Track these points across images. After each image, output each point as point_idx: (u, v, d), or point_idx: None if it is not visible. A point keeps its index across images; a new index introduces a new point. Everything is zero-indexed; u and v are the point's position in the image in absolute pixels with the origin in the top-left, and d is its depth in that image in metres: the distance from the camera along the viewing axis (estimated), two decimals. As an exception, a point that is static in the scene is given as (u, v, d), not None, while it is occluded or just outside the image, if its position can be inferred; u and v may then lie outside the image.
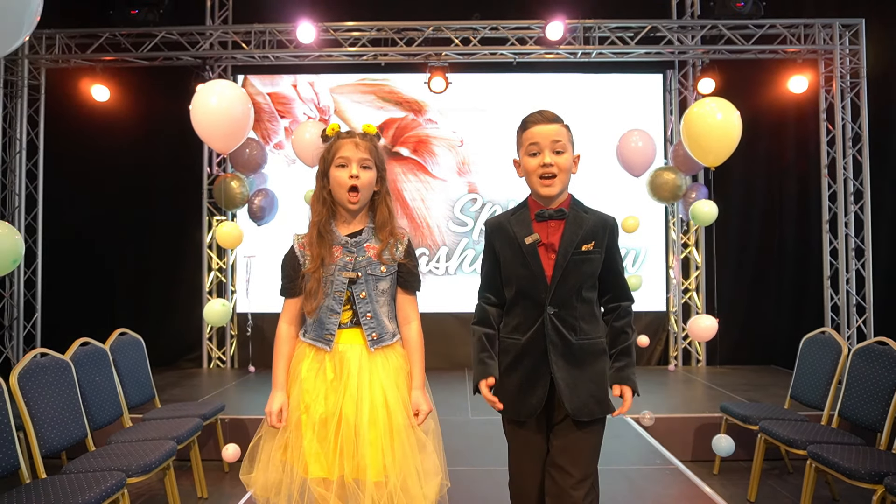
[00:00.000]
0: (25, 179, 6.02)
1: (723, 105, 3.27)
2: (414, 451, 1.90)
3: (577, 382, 1.85)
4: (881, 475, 2.52)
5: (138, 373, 3.78)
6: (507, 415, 1.94)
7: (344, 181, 1.93)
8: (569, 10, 5.71)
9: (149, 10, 5.79)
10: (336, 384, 1.91)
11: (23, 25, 1.93)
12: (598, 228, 1.88)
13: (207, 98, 3.49)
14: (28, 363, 2.77)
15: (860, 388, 3.25)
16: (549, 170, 1.85)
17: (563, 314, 1.85)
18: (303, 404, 1.90)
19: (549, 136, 1.87)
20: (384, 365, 1.96)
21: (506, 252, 1.92)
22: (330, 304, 1.95)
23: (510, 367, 1.91)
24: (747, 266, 6.33)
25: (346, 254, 1.96)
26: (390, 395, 1.92)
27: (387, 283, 1.99)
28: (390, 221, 2.00)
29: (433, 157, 6.42)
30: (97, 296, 6.29)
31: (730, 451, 3.54)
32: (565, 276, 1.84)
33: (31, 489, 2.42)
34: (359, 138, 1.98)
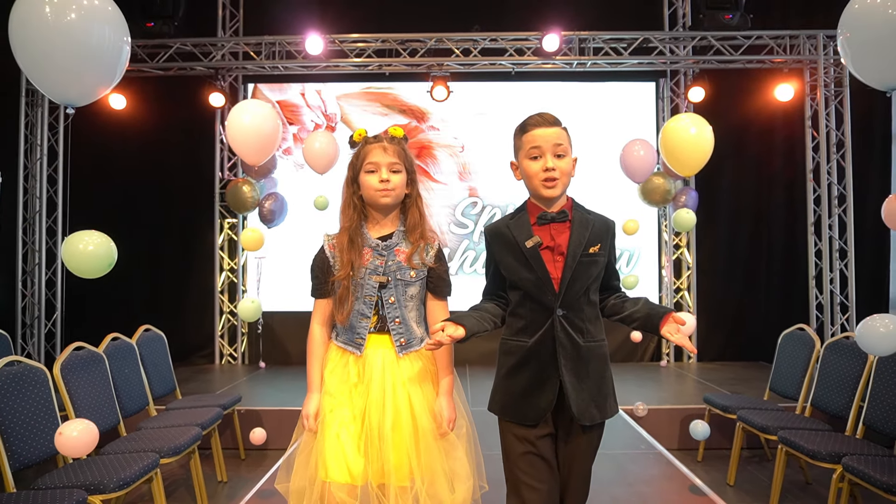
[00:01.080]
0: (46, 184, 6.30)
1: (697, 120, 3.53)
2: (441, 455, 1.88)
3: (582, 386, 1.84)
4: (840, 456, 2.79)
5: (161, 366, 4.06)
6: (512, 419, 1.87)
7: (375, 185, 1.92)
8: (565, 23, 5.99)
9: (164, 23, 6.07)
10: (360, 388, 1.91)
11: (115, 74, 2.18)
12: (602, 231, 1.89)
13: (241, 116, 3.75)
14: (69, 355, 3.05)
15: (830, 379, 3.52)
16: (551, 174, 1.84)
17: (571, 316, 1.84)
18: (326, 407, 1.90)
19: (550, 139, 1.85)
20: (410, 369, 1.94)
21: (507, 258, 1.90)
22: (360, 307, 1.94)
23: (515, 369, 1.87)
24: (737, 266, 6.60)
25: (377, 257, 1.94)
26: (415, 399, 1.90)
27: (416, 287, 1.97)
28: (421, 224, 1.98)
29: (435, 162, 6.70)
30: (114, 295, 6.57)
31: (705, 435, 3.80)
32: (574, 278, 1.83)
33: (75, 467, 2.69)
34: (386, 142, 1.96)
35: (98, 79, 2.09)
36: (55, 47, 1.91)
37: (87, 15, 1.94)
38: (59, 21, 1.89)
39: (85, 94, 2.11)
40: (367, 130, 2.03)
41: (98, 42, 2.00)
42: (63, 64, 1.95)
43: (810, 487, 3.67)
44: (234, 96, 6.70)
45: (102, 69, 2.07)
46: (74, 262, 2.44)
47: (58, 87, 2.05)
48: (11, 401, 2.60)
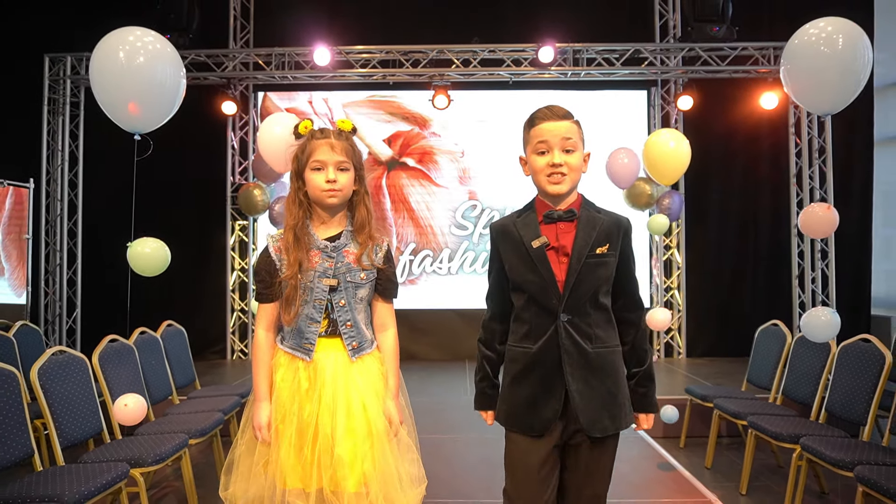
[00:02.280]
0: (67, 188, 6.63)
1: (675, 135, 3.85)
2: (396, 458, 1.86)
3: (593, 395, 1.74)
4: (798, 437, 3.10)
5: (183, 358, 4.40)
6: (516, 429, 1.80)
7: (321, 185, 1.85)
8: (560, 34, 6.30)
9: (180, 35, 6.38)
10: (311, 394, 1.84)
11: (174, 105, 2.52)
12: (612, 229, 1.78)
13: (273, 127, 4.06)
14: (105, 346, 3.38)
15: (798, 370, 3.83)
16: (558, 170, 1.74)
17: (577, 321, 1.74)
18: (278, 415, 1.85)
19: (559, 133, 1.75)
20: (362, 372, 1.90)
21: (512, 257, 1.81)
22: (309, 311, 1.88)
23: (519, 377, 1.80)
24: (724, 266, 6.91)
25: (326, 259, 1.88)
26: (369, 402, 1.86)
27: (366, 290, 1.92)
28: (368, 222, 1.92)
29: (436, 167, 7.03)
30: (132, 294, 6.89)
31: (674, 418, 4.07)
32: (579, 281, 1.73)
33: (116, 445, 3.02)
34: (334, 138, 1.87)
35: (161, 110, 2.42)
36: (127, 85, 2.24)
37: (152, 58, 2.27)
38: (131, 63, 2.22)
39: (151, 124, 2.45)
40: (312, 122, 1.94)
41: (161, 80, 2.33)
42: (134, 99, 2.28)
43: (781, 470, 3.98)
44: (245, 104, 7.03)
45: (165, 102, 2.40)
46: (137, 263, 2.80)
47: (129, 118, 2.38)
48: (59, 386, 2.93)
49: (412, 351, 6.72)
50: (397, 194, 7.02)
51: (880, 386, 3.12)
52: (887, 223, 7.12)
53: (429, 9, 6.74)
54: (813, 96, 2.44)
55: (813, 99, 2.46)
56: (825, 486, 3.51)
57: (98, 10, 6.77)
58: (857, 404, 3.21)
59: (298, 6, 6.85)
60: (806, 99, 2.49)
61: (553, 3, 6.68)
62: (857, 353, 3.34)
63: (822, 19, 2.46)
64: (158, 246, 2.80)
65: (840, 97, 2.38)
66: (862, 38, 2.42)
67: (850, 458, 2.74)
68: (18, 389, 2.70)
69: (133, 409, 2.52)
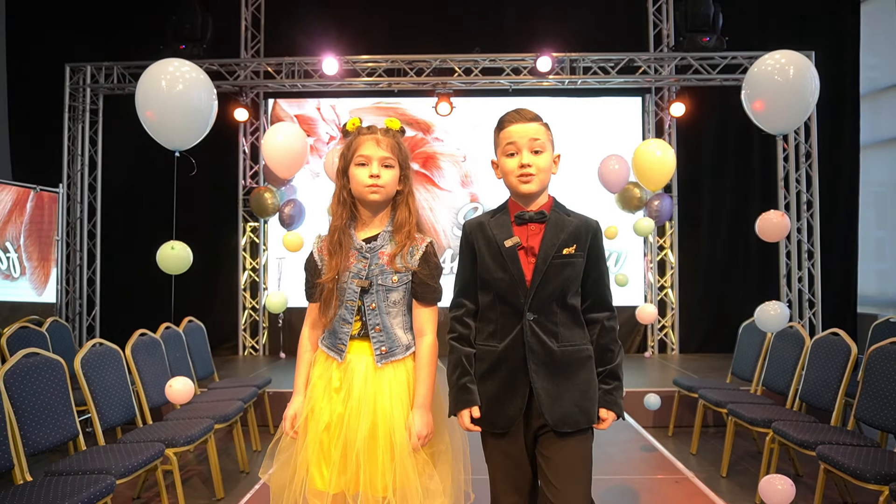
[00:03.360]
0: (87, 191, 6.94)
1: (661, 145, 4.14)
2: (415, 471, 1.79)
3: (561, 392, 1.77)
4: (771, 421, 3.40)
5: (203, 352, 4.71)
6: (482, 426, 1.83)
7: (364, 180, 1.84)
8: (558, 44, 6.59)
9: (194, 45, 6.69)
10: (340, 393, 1.84)
11: (208, 125, 2.83)
12: (580, 231, 1.82)
13: (275, 136, 4.35)
14: (136, 340, 3.68)
15: (777, 363, 4.12)
16: (526, 170, 1.79)
17: (542, 320, 1.78)
18: (308, 409, 1.86)
19: (526, 135, 1.80)
20: (392, 380, 1.86)
21: (485, 255, 1.84)
22: (342, 313, 1.87)
23: (485, 375, 1.83)
24: (716, 266, 7.20)
25: (360, 260, 1.86)
26: (395, 412, 1.82)
27: (399, 293, 1.87)
28: (409, 223, 1.88)
29: (439, 171, 7.33)
30: (147, 292, 7.20)
31: (656, 405, 4.34)
32: (545, 280, 1.77)
33: (150, 428, 3.33)
34: (381, 134, 1.87)
35: (198, 130, 2.73)
36: (169, 110, 2.55)
37: (190, 85, 2.58)
38: (172, 90, 2.53)
39: (189, 142, 2.76)
40: (361, 120, 1.93)
41: (197, 105, 2.64)
42: (175, 122, 2.60)
43: (761, 455, 4.26)
44: (256, 111, 7.33)
45: (200, 123, 2.71)
46: (164, 263, 3.12)
47: (170, 138, 2.69)
48: (98, 374, 3.23)
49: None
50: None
51: (846, 375, 3.41)
52: (880, 225, 7.40)
53: (432, 20, 7.04)
54: (769, 118, 2.75)
55: (768, 120, 2.76)
56: (800, 468, 3.81)
57: (117, 22, 7.11)
58: (827, 392, 3.51)
59: (307, 17, 7.15)
60: (763, 120, 2.79)
61: (551, 14, 6.97)
62: (828, 346, 3.62)
63: (777, 52, 2.77)
64: (183, 247, 3.10)
65: (791, 119, 2.71)
66: (809, 68, 2.73)
67: (813, 439, 3.03)
68: (65, 377, 3.00)
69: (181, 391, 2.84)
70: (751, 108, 2.76)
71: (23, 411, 2.69)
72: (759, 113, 2.74)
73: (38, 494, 2.35)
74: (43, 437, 2.76)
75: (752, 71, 2.78)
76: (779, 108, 2.64)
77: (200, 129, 2.77)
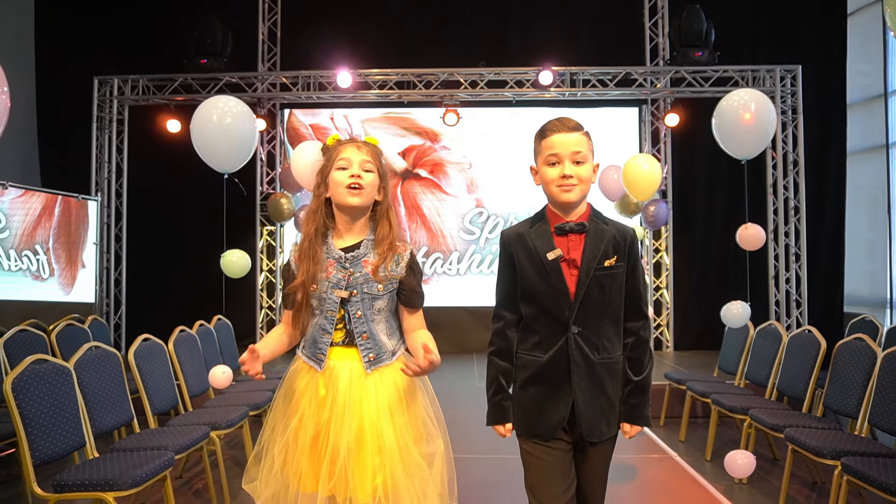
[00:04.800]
0: (114, 197, 7.35)
1: (649, 159, 4.54)
2: (407, 474, 1.80)
3: (595, 402, 1.80)
4: (748, 409, 3.78)
5: (230, 347, 5.11)
6: (523, 433, 1.85)
7: (344, 181, 1.82)
8: (558, 59, 6.99)
9: (215, 59, 7.10)
10: (326, 401, 1.83)
11: (251, 150, 3.24)
12: (619, 240, 1.81)
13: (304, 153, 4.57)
14: (177, 335, 4.08)
15: (758, 357, 4.50)
16: (568, 181, 1.78)
17: (587, 333, 1.78)
18: (297, 420, 1.84)
19: (569, 146, 1.80)
20: (378, 384, 1.86)
21: (527, 267, 1.82)
22: (322, 322, 1.86)
23: (527, 383, 1.83)
24: (709, 267, 7.59)
25: (340, 270, 1.85)
26: (382, 416, 1.83)
27: (384, 301, 1.88)
28: (390, 236, 1.88)
29: (446, 178, 7.73)
30: (170, 292, 7.62)
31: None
32: (589, 293, 1.77)
33: (190, 416, 3.73)
34: (361, 143, 1.89)
35: (243, 155, 3.14)
36: (219, 139, 2.97)
37: (237, 117, 2.99)
38: (222, 122, 2.94)
39: (236, 166, 3.18)
40: (340, 136, 1.96)
41: (242, 134, 3.05)
42: (224, 149, 3.01)
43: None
44: (273, 120, 7.74)
45: (245, 149, 3.12)
46: (228, 268, 3.55)
47: (221, 163, 3.10)
48: (147, 365, 3.63)
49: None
50: (411, 202, 7.73)
51: (817, 368, 3.79)
52: (872, 227, 7.75)
53: (440, 36, 7.45)
54: (733, 145, 3.15)
55: (733, 147, 3.16)
56: (777, 453, 4.19)
57: (141, 38, 7.51)
58: (799, 383, 3.89)
59: (321, 32, 7.55)
60: (729, 146, 3.19)
61: (552, 30, 7.37)
62: (802, 341, 4.01)
63: (742, 90, 3.19)
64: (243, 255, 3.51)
65: (752, 146, 3.11)
66: (768, 104, 3.14)
67: (783, 423, 3.42)
68: (120, 367, 3.40)
69: (223, 378, 3.24)
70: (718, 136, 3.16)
71: (89, 396, 3.08)
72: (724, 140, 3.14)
73: (111, 465, 2.74)
74: (106, 420, 3.16)
75: (720, 105, 3.19)
76: (741, 137, 3.04)
77: (245, 154, 3.18)
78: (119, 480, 2.59)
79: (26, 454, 2.57)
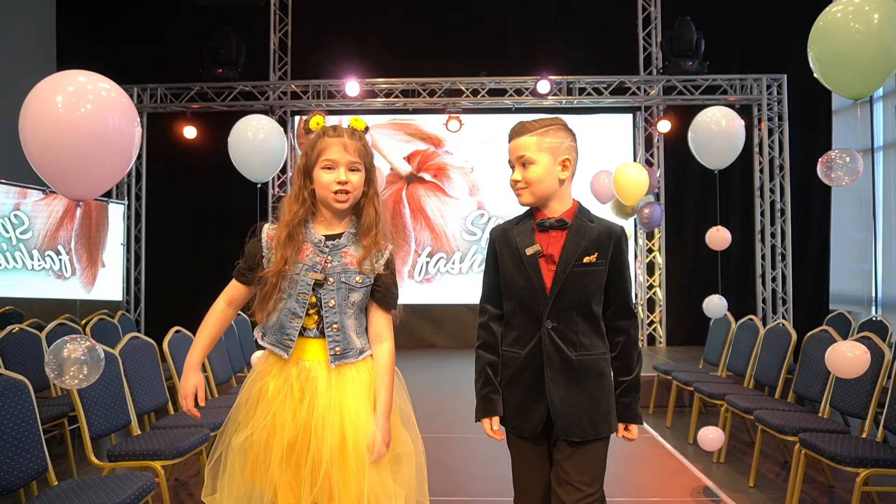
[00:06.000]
0: (134, 200, 7.74)
1: (637, 167, 4.90)
2: (378, 477, 1.74)
3: (574, 401, 1.77)
4: (724, 395, 4.15)
5: (249, 340, 5.47)
6: (510, 429, 1.88)
7: (331, 185, 1.76)
8: (556, 68, 7.36)
9: (230, 69, 7.48)
10: (303, 404, 1.74)
11: (280, 162, 3.63)
12: (602, 238, 1.81)
13: None
14: (203, 328, 4.47)
15: (739, 349, 4.87)
16: (516, 186, 1.84)
17: (562, 329, 1.78)
18: (270, 425, 1.73)
19: (515, 151, 1.85)
20: (354, 383, 1.79)
21: (508, 262, 1.85)
22: (292, 306, 1.77)
23: (511, 381, 1.86)
24: (700, 267, 7.94)
25: (318, 254, 1.78)
26: (362, 418, 1.75)
27: (360, 294, 1.81)
28: (376, 225, 1.82)
29: (449, 181, 8.11)
30: (184, 291, 7.99)
31: None
32: (564, 289, 1.77)
33: (218, 401, 4.11)
34: (347, 137, 1.80)
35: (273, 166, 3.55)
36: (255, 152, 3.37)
37: (268, 133, 3.40)
38: (256, 138, 3.34)
39: (267, 177, 3.60)
40: (325, 119, 1.88)
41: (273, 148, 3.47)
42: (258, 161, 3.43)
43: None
44: (284, 126, 8.11)
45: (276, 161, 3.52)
46: None
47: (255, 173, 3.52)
48: (179, 354, 4.01)
49: (431, 340, 7.84)
50: (415, 204, 8.11)
51: (787, 357, 4.16)
52: (862, 227, 8.09)
53: (443, 47, 7.82)
54: (707, 156, 3.53)
55: (707, 157, 3.54)
56: (753, 436, 4.55)
57: (159, 49, 7.89)
58: (773, 371, 4.26)
59: (330, 42, 7.93)
60: (703, 157, 3.57)
61: (550, 41, 7.75)
62: (776, 333, 4.38)
63: (714, 108, 3.56)
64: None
65: (723, 158, 3.49)
66: (737, 119, 3.50)
67: (755, 406, 3.78)
68: (156, 356, 3.78)
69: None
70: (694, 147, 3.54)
71: (132, 380, 3.46)
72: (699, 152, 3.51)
73: (156, 439, 3.12)
74: (145, 402, 3.54)
75: (696, 120, 3.57)
76: (714, 149, 3.41)
77: (275, 167, 3.59)
78: (165, 451, 2.97)
79: (84, 428, 2.95)
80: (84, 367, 1.96)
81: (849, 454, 2.84)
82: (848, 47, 2.39)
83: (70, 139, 1.84)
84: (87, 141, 1.85)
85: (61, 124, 1.84)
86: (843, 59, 2.44)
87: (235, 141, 3.49)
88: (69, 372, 1.94)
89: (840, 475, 3.61)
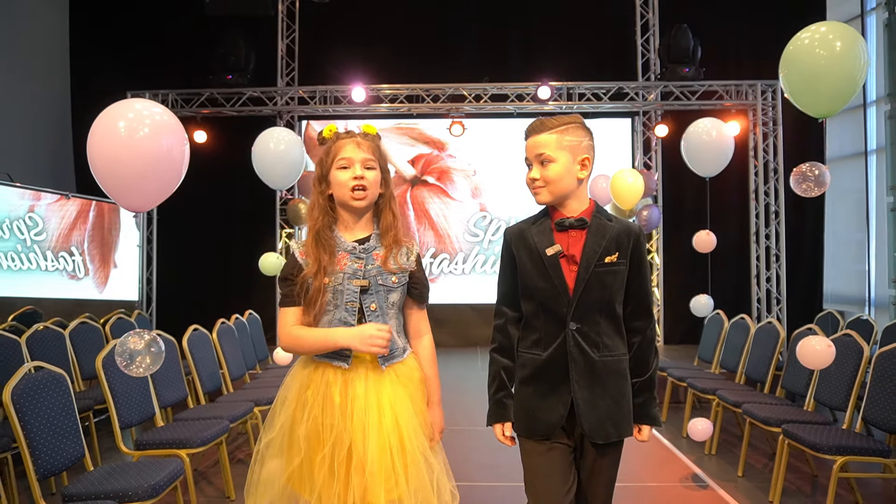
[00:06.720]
0: (145, 202, 7.94)
1: (633, 173, 5.11)
2: (428, 471, 1.79)
3: (598, 402, 1.76)
4: (715, 390, 4.35)
5: (260, 338, 5.71)
6: (520, 432, 1.84)
7: (348, 182, 1.78)
8: (556, 74, 7.57)
9: (239, 75, 7.69)
10: (343, 409, 1.76)
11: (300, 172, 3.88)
12: (622, 237, 1.78)
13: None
14: (220, 327, 4.68)
15: (731, 347, 5.07)
16: (534, 184, 1.81)
17: (585, 330, 1.76)
18: (310, 432, 1.76)
19: (532, 149, 1.81)
20: (394, 382, 1.83)
21: (527, 263, 1.81)
22: (342, 315, 1.80)
23: (527, 381, 1.83)
24: (697, 267, 8.12)
25: (355, 260, 1.81)
26: (402, 417, 1.79)
27: (397, 294, 1.86)
28: (394, 226, 1.86)
29: (452, 184, 8.33)
30: (195, 290, 8.23)
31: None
32: (588, 289, 1.75)
33: (233, 395, 4.33)
34: (360, 138, 1.84)
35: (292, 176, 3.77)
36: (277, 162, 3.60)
37: (288, 144, 3.64)
38: (277, 148, 3.57)
39: (287, 185, 3.85)
40: (337, 126, 1.90)
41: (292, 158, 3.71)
42: (279, 171, 3.65)
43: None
44: (291, 131, 8.33)
45: (294, 171, 3.75)
46: (268, 269, 4.20)
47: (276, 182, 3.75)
48: (197, 351, 4.23)
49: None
50: (419, 207, 8.33)
51: (775, 354, 4.36)
52: (858, 228, 8.27)
53: (446, 53, 8.04)
54: (698, 163, 3.74)
55: (698, 165, 3.76)
56: (744, 429, 4.76)
57: (171, 55, 8.11)
58: (761, 367, 4.46)
59: (336, 49, 8.15)
60: (694, 164, 3.78)
61: (550, 48, 7.96)
62: (765, 331, 4.59)
63: (706, 118, 3.77)
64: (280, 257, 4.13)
65: (714, 165, 3.72)
66: (725, 128, 3.71)
67: (743, 400, 3.99)
68: (177, 353, 3.99)
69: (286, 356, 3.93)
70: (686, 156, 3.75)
71: (155, 375, 3.67)
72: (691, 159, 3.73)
73: (180, 430, 3.34)
74: (167, 395, 3.76)
75: (689, 130, 3.79)
76: (705, 157, 3.63)
77: (295, 175, 3.83)
78: (190, 440, 3.19)
79: (115, 419, 3.16)
80: (147, 357, 2.20)
81: (826, 443, 3.05)
82: (814, 71, 2.58)
83: (130, 158, 2.11)
84: (144, 160, 2.09)
85: (124, 146, 2.13)
86: (810, 82, 2.62)
87: (259, 152, 3.73)
88: (138, 361, 2.18)
89: (823, 465, 3.81)
